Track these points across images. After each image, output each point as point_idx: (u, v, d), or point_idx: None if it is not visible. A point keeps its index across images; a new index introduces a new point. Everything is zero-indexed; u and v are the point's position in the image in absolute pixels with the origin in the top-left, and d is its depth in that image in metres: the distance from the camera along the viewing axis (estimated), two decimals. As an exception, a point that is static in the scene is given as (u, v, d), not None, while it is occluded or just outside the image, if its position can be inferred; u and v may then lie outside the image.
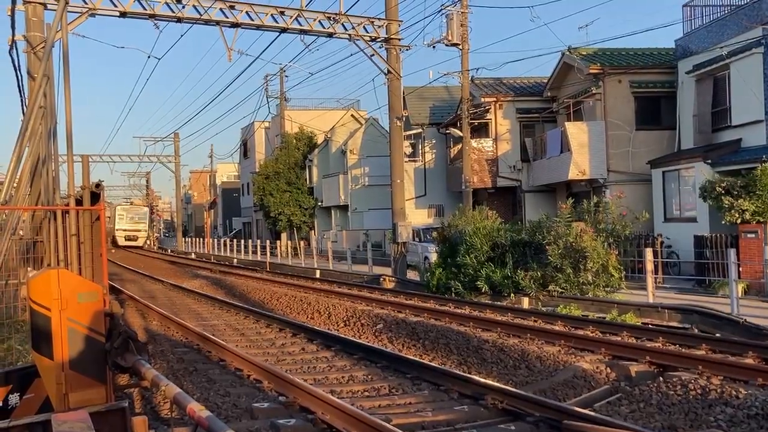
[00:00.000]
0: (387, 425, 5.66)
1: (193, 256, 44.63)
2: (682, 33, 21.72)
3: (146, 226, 59.84)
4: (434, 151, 32.09)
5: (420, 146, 31.96)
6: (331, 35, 20.46)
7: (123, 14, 17.66)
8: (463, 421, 6.52)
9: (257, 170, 47.88)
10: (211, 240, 51.22)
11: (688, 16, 21.51)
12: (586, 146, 22.76)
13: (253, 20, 19.04)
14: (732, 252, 12.44)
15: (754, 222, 15.47)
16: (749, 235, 15.46)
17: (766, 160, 15.81)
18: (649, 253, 13.72)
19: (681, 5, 21.67)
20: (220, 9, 18.61)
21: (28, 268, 9.37)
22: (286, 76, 51.30)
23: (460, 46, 23.50)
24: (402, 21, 21.43)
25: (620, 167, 22.67)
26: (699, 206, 18.59)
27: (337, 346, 10.48)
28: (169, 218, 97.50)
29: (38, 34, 15.67)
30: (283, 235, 44.08)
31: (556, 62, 25.47)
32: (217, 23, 18.83)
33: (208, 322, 14.04)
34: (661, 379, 7.57)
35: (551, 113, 26.97)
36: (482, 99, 27.17)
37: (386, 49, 21.23)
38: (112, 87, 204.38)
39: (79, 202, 8.19)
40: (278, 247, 37.52)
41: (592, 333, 10.42)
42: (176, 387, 4.81)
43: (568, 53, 24.35)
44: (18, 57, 15.96)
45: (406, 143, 27.11)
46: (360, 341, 10.99)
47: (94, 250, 7.77)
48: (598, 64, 22.89)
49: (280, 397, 7.36)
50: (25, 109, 13.56)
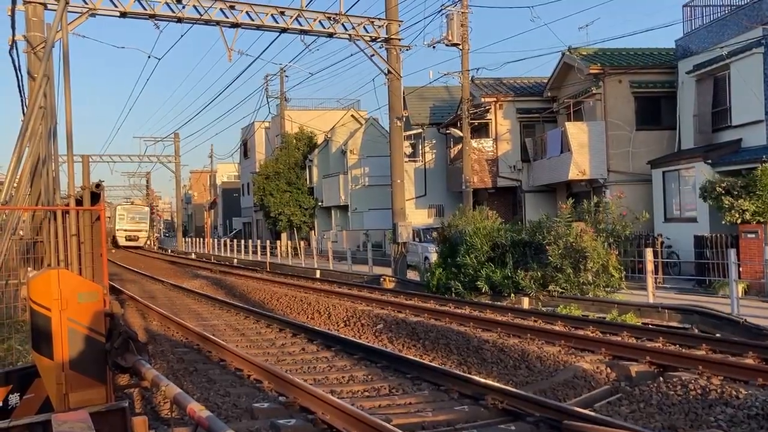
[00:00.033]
0: (387, 425, 5.66)
1: (193, 256, 44.64)
2: (683, 33, 21.73)
3: (147, 226, 59.28)
4: (434, 151, 32.08)
5: (420, 146, 31.96)
6: (331, 35, 20.47)
7: (123, 14, 17.66)
8: (463, 421, 6.52)
9: (257, 170, 47.89)
10: (211, 240, 51.22)
11: (688, 16, 21.52)
12: (586, 146, 22.77)
13: (253, 20, 19.04)
14: (732, 252, 12.45)
15: (754, 222, 15.47)
16: (749, 236, 15.46)
17: (766, 161, 15.82)
18: (649, 253, 13.72)
19: (681, 5, 21.70)
20: (220, 9, 18.61)
21: (29, 268, 9.37)
22: (287, 76, 51.32)
23: (461, 46, 23.50)
24: (402, 21, 21.49)
25: (620, 167, 22.68)
26: (699, 206, 18.59)
27: (337, 347, 10.49)
28: (169, 218, 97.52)
29: (38, 34, 15.67)
30: (284, 235, 44.08)
31: (556, 62, 25.49)
32: (217, 23, 18.84)
33: (208, 322, 14.04)
34: (661, 379, 7.57)
35: (551, 113, 26.97)
36: (482, 99, 27.16)
37: (386, 49, 21.24)
38: (112, 87, 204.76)
39: (79, 202, 8.20)
40: (278, 247, 37.51)
41: (592, 333, 10.42)
42: (176, 387, 4.81)
43: (568, 53, 24.35)
44: (18, 57, 15.99)
45: (407, 143, 27.10)
46: (360, 341, 10.99)
47: (95, 250, 7.78)
48: (599, 64, 22.89)
49: (281, 397, 7.37)
50: (25, 110, 13.57)
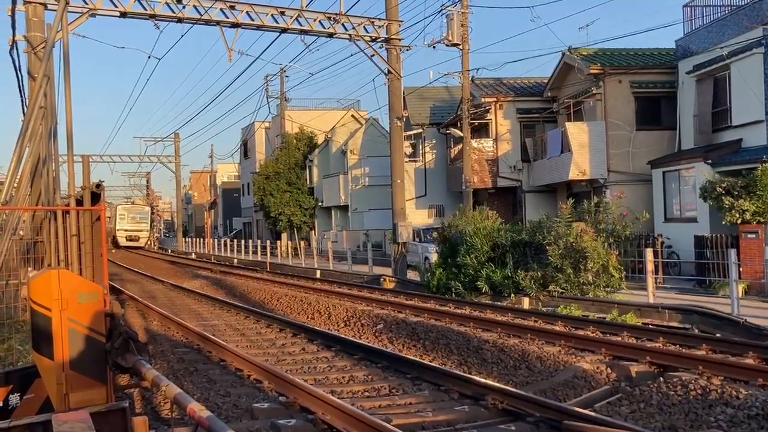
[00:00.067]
0: (387, 425, 5.66)
1: (193, 256, 44.64)
2: (683, 33, 21.73)
3: (148, 226, 58.79)
4: (434, 151, 32.08)
5: (420, 146, 31.95)
6: (331, 35, 20.47)
7: (123, 14, 17.66)
8: (463, 421, 6.52)
9: (257, 170, 47.90)
10: (211, 240, 51.19)
11: (688, 17, 21.53)
12: (586, 146, 22.77)
13: (253, 20, 19.04)
14: (732, 252, 12.45)
15: (754, 222, 15.47)
16: (750, 236, 15.46)
17: (766, 161, 15.82)
18: (649, 253, 13.71)
19: (681, 5, 21.70)
20: (221, 9, 18.61)
21: (29, 269, 9.37)
22: (287, 77, 51.31)
23: (461, 47, 23.50)
24: (402, 21, 21.49)
25: (621, 167, 22.67)
26: (699, 206, 18.59)
27: (337, 347, 10.48)
28: (170, 218, 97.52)
29: (39, 34, 15.68)
30: (284, 236, 44.09)
31: (556, 62, 25.48)
32: (218, 23, 18.84)
33: (209, 323, 14.04)
34: (661, 379, 7.57)
35: (551, 113, 26.97)
36: (482, 99, 27.16)
37: (386, 49, 21.24)
38: (112, 87, 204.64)
39: (79, 202, 8.20)
40: (278, 248, 37.50)
41: (592, 333, 10.42)
42: (177, 387, 4.81)
43: (568, 53, 24.35)
44: (18, 57, 16.00)
45: (407, 143, 27.10)
46: (360, 341, 10.99)
47: (95, 251, 7.78)
48: (599, 65, 22.89)
49: (281, 398, 7.37)
50: (25, 110, 13.57)
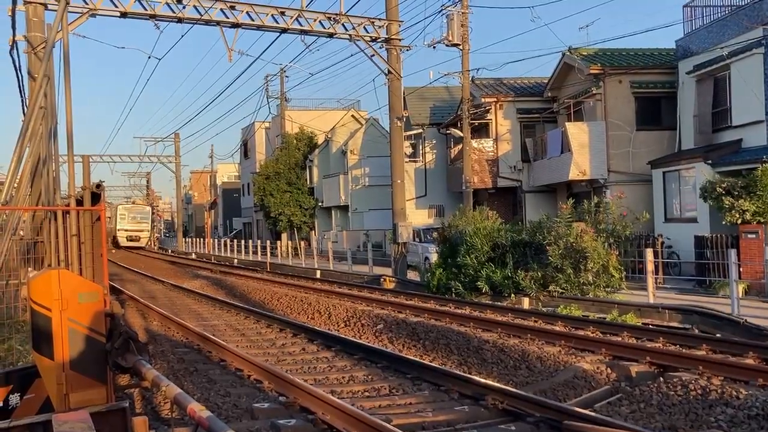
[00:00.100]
0: (387, 425, 5.66)
1: (193, 256, 44.65)
2: (683, 33, 21.73)
3: (149, 226, 58.37)
4: (435, 151, 32.08)
5: (420, 146, 31.95)
6: (331, 35, 20.47)
7: (123, 14, 17.67)
8: (463, 421, 6.52)
9: (258, 170, 47.91)
10: (211, 240, 51.18)
11: (688, 17, 21.53)
12: (586, 146, 22.77)
13: (253, 20, 19.05)
14: (732, 252, 12.44)
15: (754, 222, 15.47)
16: (750, 236, 15.46)
17: (766, 161, 15.82)
18: (649, 253, 13.71)
19: (681, 6, 21.71)
20: (221, 9, 18.62)
21: (29, 269, 9.37)
22: (287, 77, 51.35)
23: (461, 47, 23.50)
24: (402, 21, 21.49)
25: (621, 167, 22.67)
26: (699, 207, 18.59)
27: (337, 347, 10.49)
28: (170, 218, 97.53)
29: (39, 34, 15.69)
30: (284, 236, 44.10)
31: (556, 63, 25.49)
32: (218, 23, 18.84)
33: (209, 323, 14.04)
34: (661, 379, 7.57)
35: (552, 113, 26.97)
36: (483, 99, 27.16)
37: (387, 49, 21.24)
38: (112, 87, 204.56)
39: (79, 202, 8.20)
40: (278, 248, 37.51)
41: (592, 333, 10.42)
42: (177, 387, 4.81)
43: (568, 53, 24.35)
44: (19, 57, 16.02)
45: (407, 143, 27.11)
46: (360, 341, 10.99)
47: (95, 251, 7.78)
48: (599, 65, 22.89)
49: (281, 398, 7.37)
50: (25, 110, 13.58)
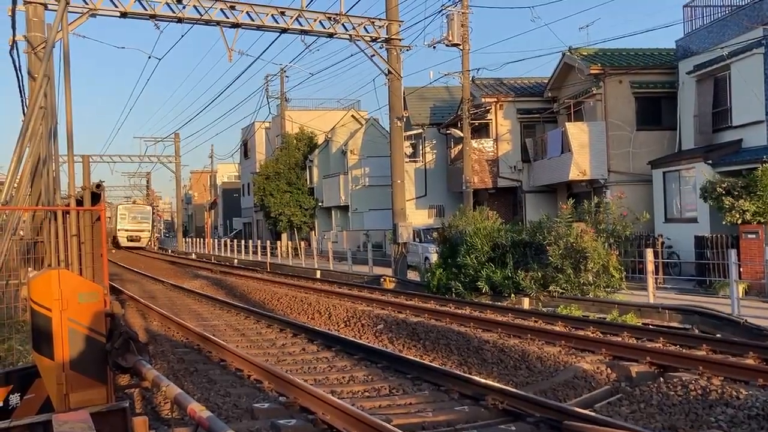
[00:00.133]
0: (387, 425, 5.66)
1: (193, 256, 44.64)
2: (683, 33, 21.73)
3: (150, 226, 57.89)
4: (435, 151, 32.08)
5: (420, 146, 31.95)
6: (331, 36, 20.47)
7: (123, 14, 17.66)
8: (463, 421, 6.52)
9: (258, 170, 47.90)
10: (211, 240, 51.16)
11: (688, 17, 21.52)
12: (586, 147, 22.77)
13: (253, 20, 19.04)
14: (733, 252, 12.44)
15: (754, 222, 15.47)
16: (750, 236, 15.46)
17: (766, 161, 15.82)
18: (649, 253, 13.71)
19: (681, 6, 21.70)
20: (221, 9, 18.61)
21: (29, 269, 9.37)
22: (287, 77, 51.29)
23: (461, 47, 23.50)
24: (402, 21, 21.48)
25: (621, 168, 22.67)
26: (700, 207, 18.59)
27: (337, 347, 10.48)
28: (170, 218, 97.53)
29: (39, 34, 15.69)
30: (284, 236, 44.10)
31: (556, 63, 25.48)
32: (218, 23, 18.84)
33: (209, 323, 14.04)
34: (661, 379, 7.57)
35: (552, 114, 26.97)
36: (483, 99, 27.16)
37: (387, 49, 21.24)
38: (112, 87, 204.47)
39: (79, 202, 8.20)
40: (278, 248, 37.51)
41: (592, 333, 10.42)
42: (177, 387, 4.81)
43: (568, 54, 24.35)
44: (19, 57, 16.02)
45: (407, 143, 27.12)
46: (360, 342, 10.99)
47: (95, 251, 7.78)
48: (599, 65, 22.89)
49: (281, 398, 7.37)
50: (25, 110, 13.58)
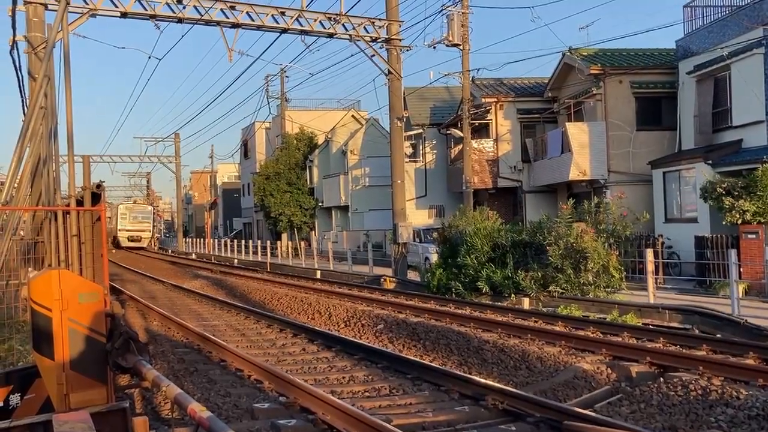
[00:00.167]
0: (387, 426, 5.66)
1: (193, 256, 44.64)
2: (683, 33, 21.73)
3: (150, 226, 57.59)
4: (435, 151, 32.08)
5: (421, 147, 31.95)
6: (331, 36, 20.47)
7: (124, 15, 17.67)
8: (463, 421, 6.51)
9: (258, 171, 47.90)
10: (211, 240, 51.16)
11: (688, 17, 21.52)
12: (586, 147, 22.77)
13: (253, 21, 19.05)
14: (733, 253, 12.44)
15: (754, 223, 15.47)
16: (750, 236, 15.46)
17: (766, 161, 15.82)
18: (649, 253, 13.71)
19: (682, 6, 21.70)
20: (221, 9, 18.62)
21: (29, 269, 9.38)
22: (287, 77, 51.27)
23: (461, 47, 23.50)
24: (403, 21, 21.48)
25: (621, 168, 22.67)
26: (700, 207, 18.59)
27: (337, 347, 10.48)
28: (170, 219, 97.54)
29: (39, 34, 15.70)
30: (284, 236, 44.10)
31: (556, 63, 25.48)
32: (218, 24, 18.84)
33: (209, 323, 14.04)
34: (661, 379, 7.57)
35: (552, 114, 26.97)
36: (483, 99, 27.16)
37: (387, 49, 21.24)
38: (112, 87, 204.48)
39: (79, 202, 8.21)
40: (279, 248, 37.52)
41: (592, 334, 10.41)
42: (177, 387, 4.82)
43: (568, 54, 24.34)
44: (19, 57, 16.03)
45: (407, 144, 27.11)
46: (361, 342, 10.99)
47: (95, 251, 7.79)
48: (599, 65, 22.89)
49: (281, 398, 7.37)
50: (26, 110, 13.58)
